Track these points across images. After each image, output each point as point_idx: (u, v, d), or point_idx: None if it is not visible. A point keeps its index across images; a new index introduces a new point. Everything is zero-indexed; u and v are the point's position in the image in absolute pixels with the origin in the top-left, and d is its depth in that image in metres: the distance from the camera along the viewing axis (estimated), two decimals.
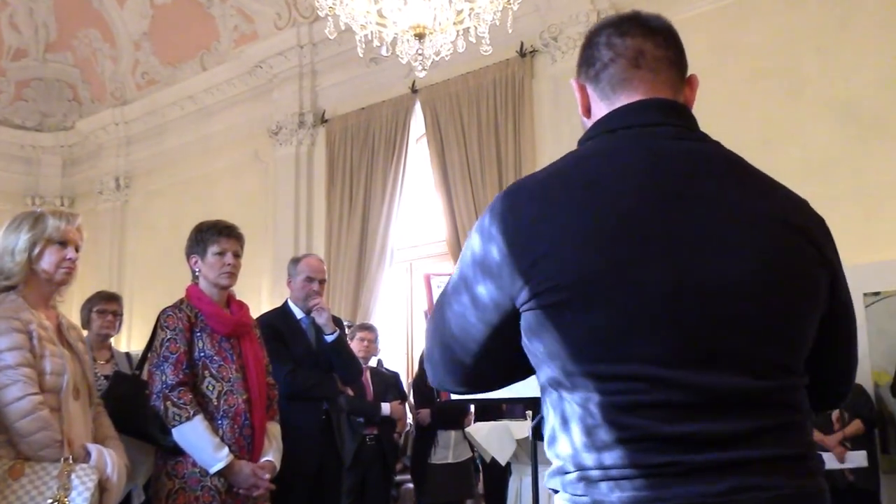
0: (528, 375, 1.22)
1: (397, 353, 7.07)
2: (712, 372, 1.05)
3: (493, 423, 5.10)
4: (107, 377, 3.63)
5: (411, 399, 5.79)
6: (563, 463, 1.11)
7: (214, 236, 3.00)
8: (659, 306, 1.05)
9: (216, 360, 2.91)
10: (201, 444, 2.78)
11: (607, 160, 1.14)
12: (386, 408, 5.35)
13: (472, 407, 5.67)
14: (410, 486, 6.06)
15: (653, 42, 1.20)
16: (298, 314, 3.89)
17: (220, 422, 2.85)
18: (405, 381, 6.24)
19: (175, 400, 2.78)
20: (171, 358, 2.84)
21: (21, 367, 2.29)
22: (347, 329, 4.74)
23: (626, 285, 1.05)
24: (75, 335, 2.59)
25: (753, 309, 1.08)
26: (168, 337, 2.87)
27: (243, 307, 3.12)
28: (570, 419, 1.09)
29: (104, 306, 4.27)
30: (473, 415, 5.74)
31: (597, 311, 1.06)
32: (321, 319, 3.79)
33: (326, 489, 3.73)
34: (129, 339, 8.01)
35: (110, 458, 2.40)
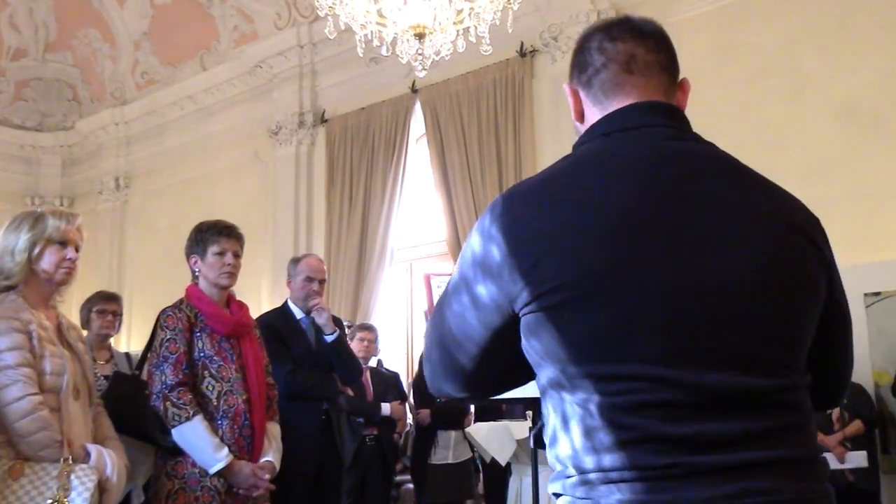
0: (529, 380, 1.21)
1: (397, 354, 7.06)
2: (714, 371, 1.05)
3: (493, 423, 5.10)
4: (106, 377, 3.62)
5: (411, 399, 5.79)
6: (565, 466, 1.10)
7: (214, 236, 3.00)
8: (660, 305, 1.05)
9: (216, 360, 2.91)
10: (201, 444, 2.78)
11: (606, 161, 1.15)
12: (386, 408, 5.35)
13: (472, 407, 5.67)
14: (410, 486, 6.05)
15: (644, 47, 1.21)
16: (298, 314, 3.89)
17: (219, 422, 2.85)
18: (405, 382, 6.24)
19: (175, 400, 2.78)
20: (170, 358, 2.83)
21: (21, 368, 2.29)
22: (347, 329, 4.74)
23: (627, 285, 1.05)
24: (75, 335, 2.59)
25: (755, 308, 1.08)
26: (168, 337, 2.87)
27: (243, 307, 3.12)
28: (570, 420, 1.09)
29: (104, 306, 4.27)
30: (473, 415, 5.74)
31: (597, 311, 1.05)
32: (321, 319, 3.79)
33: (326, 489, 3.73)
34: (128, 340, 8.01)
35: (110, 459, 2.40)
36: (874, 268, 4.67)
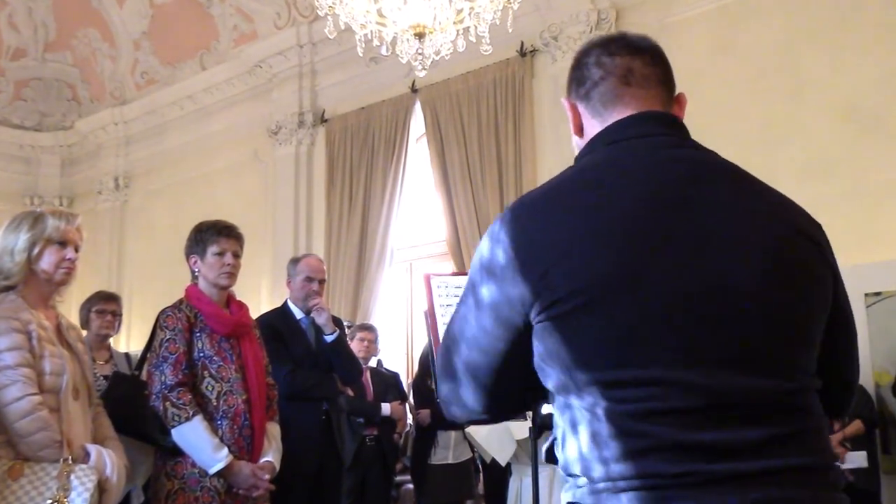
0: (545, 394, 1.19)
1: (397, 354, 7.06)
2: (730, 374, 1.04)
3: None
4: (106, 377, 3.62)
5: (411, 399, 5.78)
6: (575, 474, 1.10)
7: (214, 236, 3.00)
8: (671, 309, 1.05)
9: (216, 360, 2.91)
10: (201, 444, 2.78)
11: (610, 169, 1.16)
12: (386, 408, 5.35)
13: None
14: (410, 486, 6.05)
15: (641, 60, 1.24)
16: (298, 314, 3.89)
17: (219, 422, 2.85)
18: (405, 382, 6.23)
19: (174, 400, 2.78)
20: (170, 358, 2.83)
21: (20, 368, 2.29)
22: (347, 329, 4.74)
23: (637, 290, 1.05)
24: (75, 335, 2.59)
25: (764, 309, 1.08)
26: (167, 337, 2.87)
27: (243, 307, 3.12)
28: (578, 426, 1.08)
29: (103, 306, 4.26)
30: None
31: (607, 317, 1.05)
32: (321, 319, 3.79)
33: (326, 490, 3.73)
34: (128, 340, 8.00)
35: (109, 459, 2.39)
36: (874, 268, 4.66)
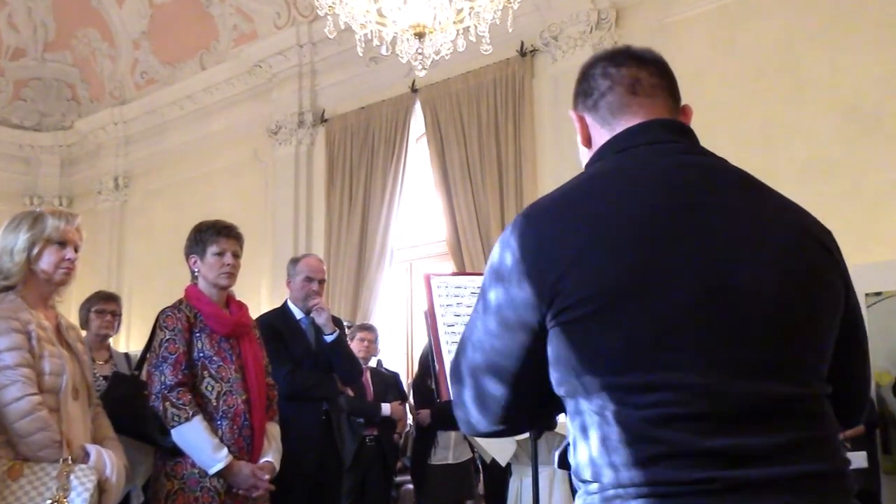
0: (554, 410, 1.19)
1: (397, 354, 7.06)
2: (744, 378, 1.04)
3: None
4: (105, 378, 3.62)
5: (411, 399, 5.78)
6: (586, 479, 1.09)
7: (213, 236, 3.00)
8: (683, 314, 1.05)
9: (215, 360, 2.90)
10: (200, 444, 2.78)
11: (621, 175, 1.16)
12: (386, 408, 5.34)
13: None
14: (410, 486, 6.04)
15: (647, 71, 1.26)
16: (298, 314, 3.88)
17: (219, 422, 2.85)
18: (405, 382, 6.23)
19: (174, 400, 2.77)
20: (170, 358, 2.83)
21: (20, 368, 2.28)
22: (347, 329, 4.74)
23: (648, 295, 1.05)
24: (74, 335, 2.59)
25: (778, 314, 1.08)
26: (167, 337, 2.87)
27: (243, 307, 3.12)
28: (589, 432, 1.08)
29: (103, 306, 4.26)
30: None
31: (619, 322, 1.05)
32: (321, 319, 3.79)
33: (326, 490, 3.73)
34: (127, 340, 8.00)
35: (109, 459, 2.39)
36: (875, 268, 4.66)
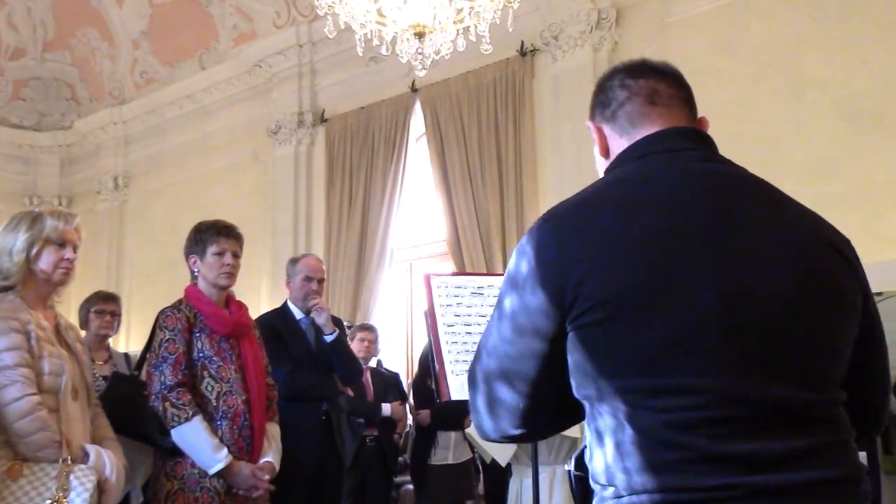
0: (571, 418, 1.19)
1: (397, 354, 7.05)
2: (761, 383, 1.04)
3: None
4: (105, 378, 3.61)
5: (411, 400, 5.77)
6: (602, 484, 1.09)
7: (213, 236, 2.99)
8: (702, 319, 1.05)
9: (215, 360, 2.90)
10: (200, 444, 2.77)
11: (641, 181, 1.17)
12: (386, 408, 5.34)
13: None
14: (410, 487, 6.04)
15: (665, 83, 1.27)
16: (298, 314, 3.88)
17: (219, 422, 2.84)
18: (405, 382, 6.23)
19: (174, 401, 2.77)
20: (169, 358, 2.82)
21: (19, 368, 2.28)
22: (347, 329, 4.73)
23: (667, 300, 1.05)
24: (73, 335, 2.58)
25: (796, 319, 1.08)
26: (167, 337, 2.86)
27: (242, 307, 3.11)
28: (604, 436, 1.07)
29: (102, 306, 4.25)
30: None
31: (636, 327, 1.05)
32: (320, 319, 3.78)
33: (326, 490, 3.72)
34: (127, 340, 7.99)
35: (109, 459, 2.39)
36: (876, 268, 4.60)
